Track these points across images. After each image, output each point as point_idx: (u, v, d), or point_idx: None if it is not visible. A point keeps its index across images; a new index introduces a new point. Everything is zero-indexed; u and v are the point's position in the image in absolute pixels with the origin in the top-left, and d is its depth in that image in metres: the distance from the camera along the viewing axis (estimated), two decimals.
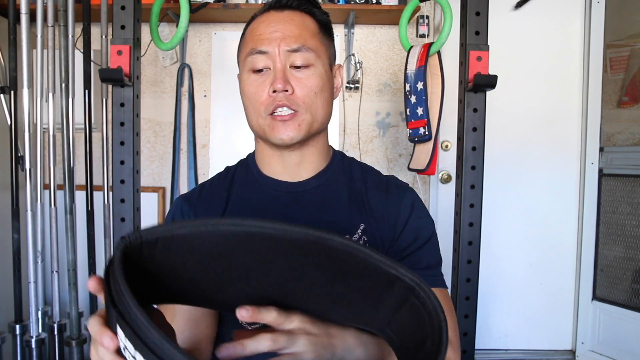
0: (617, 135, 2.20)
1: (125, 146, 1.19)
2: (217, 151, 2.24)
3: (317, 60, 0.72)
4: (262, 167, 0.79)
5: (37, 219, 1.77)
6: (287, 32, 0.71)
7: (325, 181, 0.78)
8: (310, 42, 0.71)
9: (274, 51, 0.70)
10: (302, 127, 0.71)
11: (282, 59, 0.70)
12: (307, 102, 0.71)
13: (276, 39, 0.70)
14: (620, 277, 2.15)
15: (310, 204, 0.76)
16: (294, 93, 0.70)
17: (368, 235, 0.74)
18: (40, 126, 1.81)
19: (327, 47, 0.76)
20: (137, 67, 1.22)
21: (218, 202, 0.78)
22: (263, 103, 0.71)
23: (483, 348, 2.32)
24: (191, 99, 2.22)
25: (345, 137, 2.25)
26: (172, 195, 2.20)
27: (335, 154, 0.82)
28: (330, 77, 0.76)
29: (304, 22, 0.73)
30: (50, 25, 1.74)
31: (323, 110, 0.73)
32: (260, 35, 0.71)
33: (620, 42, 2.17)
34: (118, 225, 1.20)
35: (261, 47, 0.70)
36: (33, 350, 1.72)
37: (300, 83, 0.71)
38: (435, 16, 2.22)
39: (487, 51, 1.24)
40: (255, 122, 0.73)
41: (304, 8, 0.74)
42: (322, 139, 0.78)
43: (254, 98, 0.72)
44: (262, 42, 0.71)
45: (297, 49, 0.70)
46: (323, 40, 0.75)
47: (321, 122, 0.74)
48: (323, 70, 0.73)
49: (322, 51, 0.74)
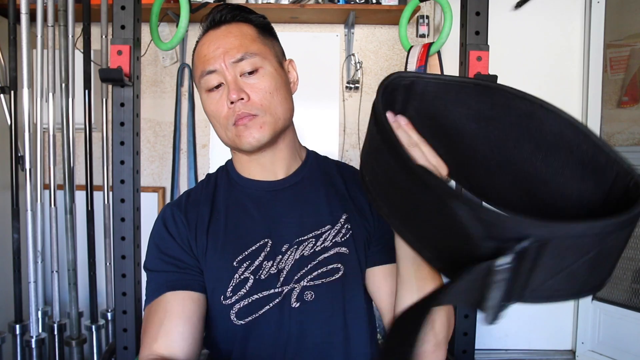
0: (617, 135, 2.20)
1: (125, 146, 1.19)
2: (217, 151, 2.24)
3: (263, 61, 0.75)
4: (241, 171, 0.84)
5: (37, 219, 1.77)
6: (228, 45, 0.74)
7: (301, 179, 0.83)
8: (251, 47, 0.75)
9: (221, 66, 0.74)
10: (264, 128, 0.74)
11: (231, 71, 0.74)
12: (265, 104, 0.74)
13: (220, 55, 0.74)
14: (620, 277, 2.15)
15: (292, 200, 0.80)
16: (250, 99, 0.74)
17: (352, 223, 0.79)
18: (40, 126, 1.81)
19: (271, 47, 0.79)
20: (137, 67, 1.22)
21: (205, 205, 0.81)
22: (226, 116, 0.75)
23: (483, 348, 2.31)
24: (191, 99, 2.22)
25: (345, 137, 2.25)
26: (172, 195, 2.20)
27: (309, 152, 0.87)
28: (283, 74, 0.79)
29: (241, 31, 0.76)
30: (50, 25, 1.74)
31: (282, 107, 0.77)
32: (205, 56, 0.76)
33: (620, 42, 2.17)
34: (118, 225, 1.20)
35: (209, 67, 0.75)
36: (33, 350, 1.72)
37: (254, 88, 0.74)
38: (435, 16, 2.22)
39: (487, 51, 1.24)
40: (224, 135, 0.77)
41: (238, 19, 0.78)
42: (289, 135, 0.82)
43: (216, 114, 0.76)
44: (209, 61, 0.75)
45: (241, 57, 0.74)
46: (265, 41, 0.78)
47: (284, 118, 0.78)
48: (272, 69, 0.76)
49: (267, 52, 0.77)
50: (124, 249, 1.19)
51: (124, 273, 1.19)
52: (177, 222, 0.79)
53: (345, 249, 0.77)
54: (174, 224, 0.79)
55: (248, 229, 0.78)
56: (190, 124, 2.22)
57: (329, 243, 0.77)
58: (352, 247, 0.78)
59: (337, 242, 0.78)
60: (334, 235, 0.78)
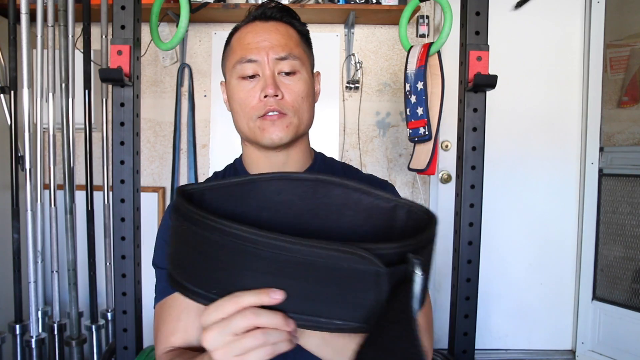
0: (617, 135, 2.20)
1: (125, 146, 1.19)
2: (217, 151, 2.24)
3: (302, 67, 0.77)
4: (250, 169, 0.84)
5: (37, 219, 1.77)
6: (274, 41, 0.76)
7: None
8: (295, 51, 0.77)
9: (263, 59, 0.75)
10: (289, 128, 0.76)
11: (271, 66, 0.75)
12: (295, 106, 0.76)
13: (264, 47, 0.75)
14: (620, 277, 2.15)
15: None
16: (283, 98, 0.75)
17: None
18: (40, 126, 1.81)
19: (309, 56, 0.82)
20: (137, 67, 1.22)
21: None
22: (254, 107, 0.75)
23: (483, 348, 2.32)
24: (191, 99, 2.22)
25: (345, 137, 2.25)
26: (172, 195, 2.21)
27: (317, 154, 0.89)
28: (312, 84, 0.82)
29: (288, 32, 0.78)
30: (50, 25, 1.74)
31: (308, 113, 0.79)
32: (248, 44, 0.76)
33: (620, 42, 2.17)
34: (118, 225, 1.20)
35: (251, 56, 0.75)
36: (33, 350, 1.72)
37: (289, 89, 0.76)
38: (435, 16, 2.22)
39: (487, 51, 1.24)
40: (246, 125, 0.77)
41: (285, 19, 0.79)
42: (305, 140, 0.84)
43: (244, 103, 0.76)
44: (251, 51, 0.75)
45: (285, 57, 0.75)
46: (305, 49, 0.81)
47: (306, 124, 0.80)
48: (307, 77, 0.79)
49: (305, 59, 0.80)
50: (124, 249, 1.19)
51: (124, 273, 1.19)
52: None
53: None
54: None
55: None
56: (190, 124, 2.22)
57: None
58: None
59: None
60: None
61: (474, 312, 1.26)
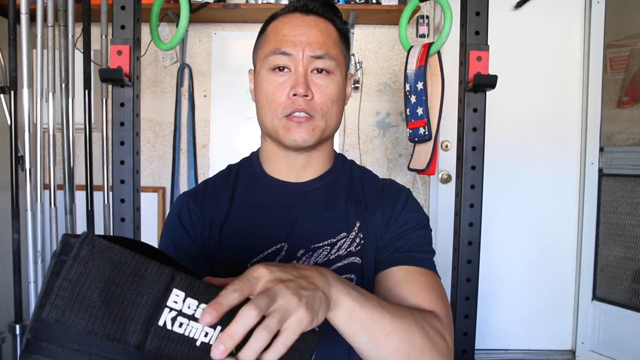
0: (617, 135, 2.20)
1: (125, 146, 1.19)
2: (217, 151, 2.24)
3: (336, 68, 0.74)
4: (267, 167, 0.80)
5: (37, 219, 1.77)
6: (312, 38, 0.71)
7: (327, 182, 0.80)
8: (332, 51, 0.73)
9: (298, 55, 0.71)
10: (315, 132, 0.72)
11: (305, 64, 0.71)
12: (324, 109, 0.72)
13: (301, 42, 0.71)
14: (620, 277, 2.15)
15: (312, 203, 0.78)
16: (313, 99, 0.71)
17: (363, 232, 0.76)
18: (40, 126, 1.81)
19: (345, 57, 0.78)
20: (137, 67, 1.22)
21: (223, 199, 0.79)
22: (281, 104, 0.72)
23: (483, 348, 2.32)
24: (191, 99, 2.22)
25: (345, 137, 2.25)
26: (172, 195, 2.21)
27: (337, 156, 0.84)
28: (344, 87, 0.77)
29: (328, 30, 0.74)
30: (50, 25, 1.74)
31: (336, 118, 0.75)
32: (285, 36, 0.72)
33: (620, 42, 2.17)
34: (118, 225, 1.20)
35: (285, 49, 0.71)
36: None
37: (320, 90, 0.72)
38: (435, 16, 2.22)
39: (487, 51, 1.24)
40: (270, 122, 0.74)
41: (327, 15, 0.75)
42: (329, 144, 0.80)
43: (271, 98, 0.72)
44: (287, 43, 0.71)
45: (321, 55, 0.71)
46: (343, 49, 0.77)
47: (332, 129, 0.76)
48: (340, 79, 0.75)
49: (341, 60, 0.75)
50: None
51: None
52: (192, 216, 0.77)
53: (358, 259, 0.75)
54: (188, 217, 0.77)
55: (266, 231, 0.75)
56: (190, 124, 2.22)
57: (344, 252, 0.75)
58: (364, 257, 0.75)
59: (352, 251, 0.75)
60: (349, 244, 0.76)
61: (474, 312, 1.26)
